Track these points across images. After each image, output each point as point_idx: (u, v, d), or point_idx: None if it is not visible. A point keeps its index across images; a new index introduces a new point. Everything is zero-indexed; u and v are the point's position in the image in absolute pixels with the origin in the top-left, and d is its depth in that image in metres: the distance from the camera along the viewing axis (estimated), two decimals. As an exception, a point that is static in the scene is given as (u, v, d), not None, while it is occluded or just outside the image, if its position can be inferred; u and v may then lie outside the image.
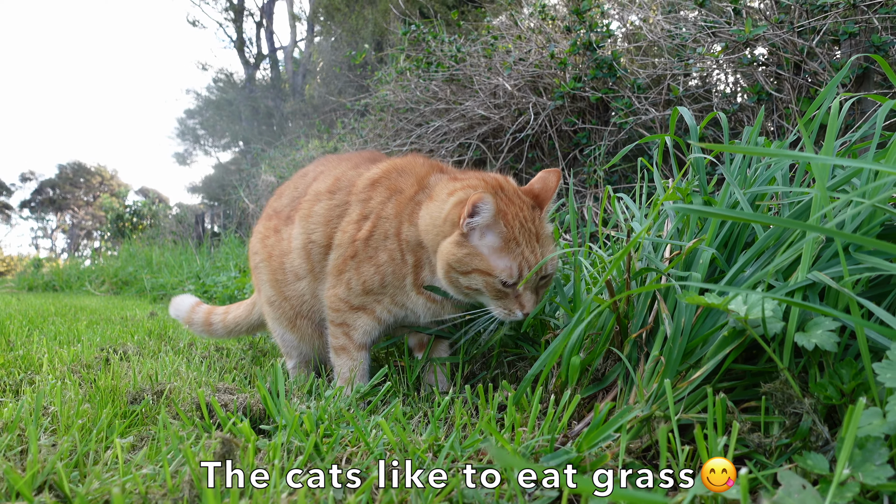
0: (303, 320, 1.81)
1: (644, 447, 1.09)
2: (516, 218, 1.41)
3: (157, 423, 1.26)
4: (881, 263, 0.94)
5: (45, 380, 1.60)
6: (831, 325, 0.97)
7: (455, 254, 1.39)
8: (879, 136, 1.23)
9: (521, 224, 1.41)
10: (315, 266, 1.69)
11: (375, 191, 1.62)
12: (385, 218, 1.57)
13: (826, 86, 1.31)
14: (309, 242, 1.68)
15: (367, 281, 1.58)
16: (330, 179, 1.73)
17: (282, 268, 1.78)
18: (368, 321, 1.63)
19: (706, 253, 1.23)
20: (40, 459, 0.91)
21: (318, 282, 1.71)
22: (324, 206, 1.68)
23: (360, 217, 1.60)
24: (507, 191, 1.47)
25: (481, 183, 1.49)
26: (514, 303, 1.42)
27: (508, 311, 1.43)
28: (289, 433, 1.09)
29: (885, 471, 0.77)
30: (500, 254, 1.39)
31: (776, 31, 3.37)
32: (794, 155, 0.85)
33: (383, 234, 1.56)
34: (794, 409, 0.97)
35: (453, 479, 0.88)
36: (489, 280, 1.39)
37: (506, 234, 1.39)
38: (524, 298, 1.41)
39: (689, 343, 1.15)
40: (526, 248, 1.40)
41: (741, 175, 1.39)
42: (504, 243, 1.39)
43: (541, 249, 1.43)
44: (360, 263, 1.58)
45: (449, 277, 1.43)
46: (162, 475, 0.88)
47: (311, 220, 1.69)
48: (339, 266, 1.62)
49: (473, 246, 1.39)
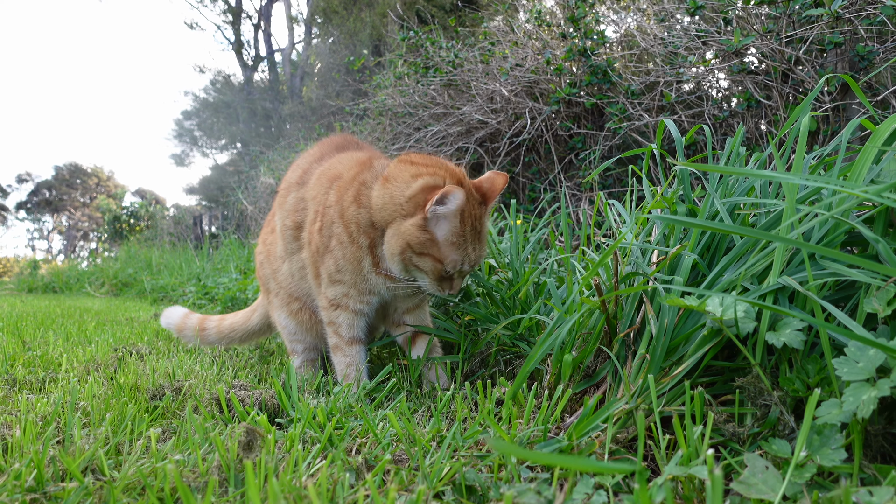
0: (294, 302, 1.94)
1: (630, 437, 1.19)
2: (470, 216, 1.54)
3: (179, 418, 1.36)
4: (842, 269, 1.04)
5: (67, 378, 1.69)
6: (799, 325, 1.07)
7: (417, 236, 1.50)
8: (850, 150, 1.34)
9: (472, 222, 1.55)
10: (287, 247, 1.89)
11: (320, 185, 1.76)
12: (329, 206, 1.69)
13: (807, 97, 1.40)
14: (283, 227, 1.88)
15: (331, 272, 1.69)
16: (299, 171, 1.92)
17: (274, 257, 1.98)
18: (347, 316, 1.75)
19: (689, 258, 1.33)
20: (81, 448, 1.00)
21: (291, 261, 1.89)
22: (293, 197, 1.86)
23: (314, 214, 1.75)
24: (465, 186, 1.57)
25: (445, 172, 1.58)
26: (448, 284, 1.59)
27: (440, 289, 1.60)
28: (303, 425, 1.19)
29: (839, 454, 0.87)
30: (452, 247, 1.53)
31: (764, 40, 3.48)
32: (765, 175, 0.95)
33: (330, 222, 1.67)
34: (764, 402, 1.07)
35: (456, 464, 0.98)
36: (437, 266, 1.54)
37: (459, 230, 1.52)
38: (455, 283, 1.60)
39: (672, 342, 1.25)
40: (470, 246, 1.55)
41: (722, 185, 1.49)
42: (456, 238, 1.52)
43: (479, 246, 1.59)
44: (322, 256, 1.71)
45: (403, 255, 1.54)
46: (193, 459, 0.97)
47: (284, 207, 1.88)
48: (315, 265, 1.76)
49: (432, 232, 1.51)
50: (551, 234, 2.15)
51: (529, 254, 2.24)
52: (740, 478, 0.86)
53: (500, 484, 0.95)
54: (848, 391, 0.90)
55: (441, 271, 1.55)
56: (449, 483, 0.96)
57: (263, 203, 8.79)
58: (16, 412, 1.28)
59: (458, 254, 1.54)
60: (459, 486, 0.94)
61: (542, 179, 4.74)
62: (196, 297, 5.28)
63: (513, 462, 0.98)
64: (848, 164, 1.27)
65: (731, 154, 1.58)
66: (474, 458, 1.07)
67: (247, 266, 6.00)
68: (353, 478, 0.98)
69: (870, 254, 1.14)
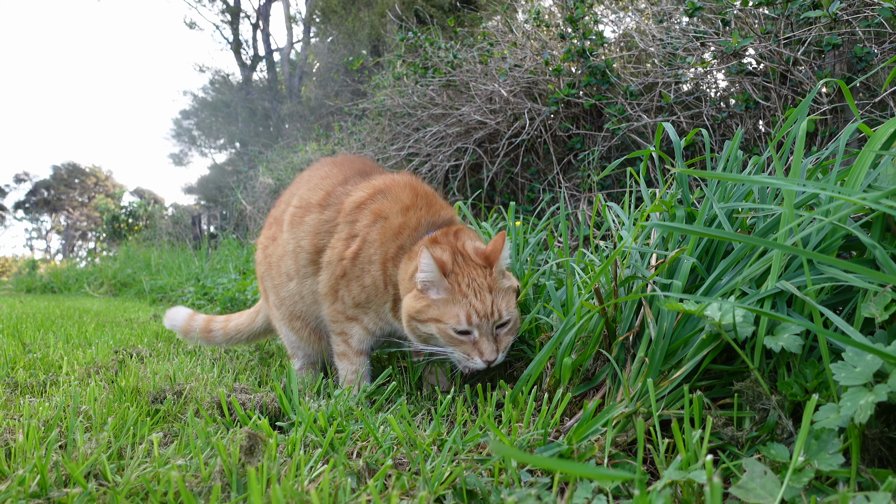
0: (297, 321, 1.96)
1: (629, 441, 1.19)
2: (465, 275, 1.56)
3: (181, 422, 1.36)
4: (839, 274, 1.05)
5: (68, 381, 1.70)
6: (797, 329, 1.08)
7: (414, 306, 1.56)
8: (847, 154, 1.34)
9: (469, 281, 1.55)
10: (300, 269, 1.86)
11: (361, 213, 1.77)
12: (370, 242, 1.72)
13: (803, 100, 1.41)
14: (298, 247, 1.85)
15: (356, 297, 1.75)
16: (321, 193, 1.88)
17: (279, 272, 1.94)
18: (360, 331, 1.80)
19: (687, 262, 1.34)
20: (84, 453, 1.00)
21: (302, 283, 1.87)
22: (314, 218, 1.83)
23: (348, 236, 1.75)
24: (464, 254, 1.62)
25: (446, 249, 1.61)
26: (473, 349, 1.52)
27: (467, 355, 1.53)
28: (304, 429, 1.19)
29: (837, 458, 0.88)
30: (449, 305, 1.52)
31: (763, 42, 3.49)
32: (762, 181, 0.96)
33: (368, 259, 1.72)
34: (762, 406, 1.08)
35: (457, 469, 0.98)
36: (441, 327, 1.52)
37: (451, 290, 1.54)
38: (482, 345, 1.51)
39: (670, 345, 1.25)
40: (474, 298, 1.52)
41: (721, 189, 1.50)
42: (451, 296, 1.53)
43: (492, 298, 1.54)
44: (350, 282, 1.75)
45: (410, 326, 1.59)
46: (195, 464, 0.98)
47: (301, 228, 1.85)
48: (333, 286, 1.78)
49: (429, 297, 1.54)
50: (549, 237, 2.15)
51: (529, 255, 2.25)
52: (739, 482, 0.86)
53: (500, 488, 0.96)
54: (846, 396, 0.91)
55: (448, 331, 1.52)
56: (450, 487, 0.97)
57: (262, 203, 8.79)
58: (18, 416, 1.29)
59: (455, 308, 1.52)
60: (460, 491, 0.95)
61: (541, 180, 4.74)
62: (195, 298, 5.28)
63: (513, 466, 0.99)
64: (846, 169, 1.28)
65: (729, 158, 1.59)
66: (475, 463, 1.08)
67: (245, 266, 6.00)
68: (354, 482, 0.99)
69: (867, 258, 1.15)
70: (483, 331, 1.52)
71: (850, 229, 1.04)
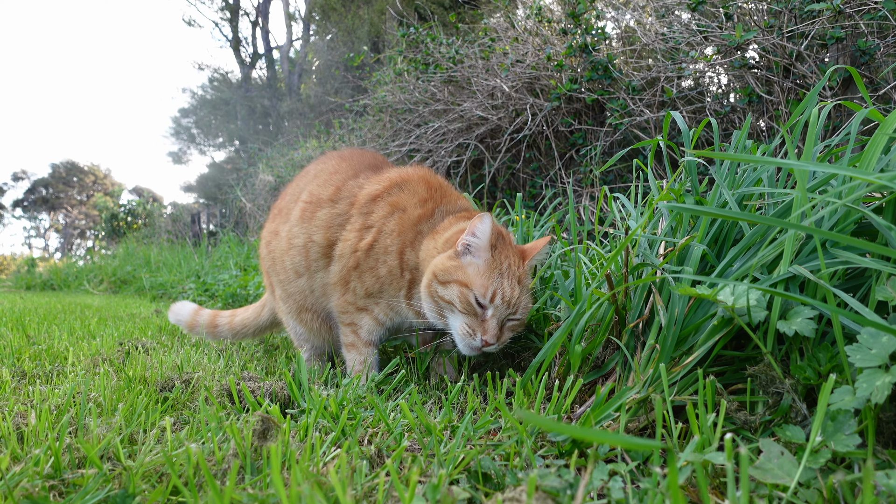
0: (307, 313, 1.95)
1: (641, 426, 1.19)
2: (505, 257, 1.57)
3: (190, 409, 1.36)
4: (853, 257, 1.05)
5: (74, 371, 1.69)
6: (810, 314, 1.07)
7: (444, 265, 1.55)
8: (857, 141, 1.34)
9: (508, 264, 1.56)
10: (311, 264, 1.85)
11: (377, 205, 1.77)
12: (387, 233, 1.72)
13: (812, 89, 1.41)
14: (309, 242, 1.83)
15: (370, 287, 1.75)
16: (332, 188, 1.87)
17: (283, 266, 1.92)
18: (370, 321, 1.80)
19: (697, 249, 1.33)
20: (98, 436, 1.00)
21: (312, 278, 1.87)
22: (326, 213, 1.82)
23: (362, 227, 1.75)
24: (504, 238, 1.64)
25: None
26: (479, 325, 1.51)
27: (471, 330, 1.52)
28: (315, 416, 1.19)
29: (853, 439, 0.88)
30: (482, 275, 1.52)
31: (766, 35, 3.49)
32: (777, 162, 0.96)
33: (384, 249, 1.71)
34: (776, 389, 1.07)
35: (470, 452, 0.98)
36: (464, 291, 1.51)
37: (491, 262, 1.54)
38: (488, 324, 1.51)
39: (682, 331, 1.25)
40: (506, 281, 1.53)
41: (730, 176, 1.50)
42: (488, 268, 1.53)
43: (519, 290, 1.56)
44: (363, 273, 1.74)
45: (430, 288, 1.57)
46: (209, 447, 0.97)
47: (313, 223, 1.83)
48: (344, 277, 1.78)
49: (461, 261, 1.54)
50: (557, 229, 2.15)
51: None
52: (756, 463, 0.86)
53: (515, 471, 0.95)
54: (861, 377, 0.91)
55: (469, 297, 1.50)
56: (464, 471, 0.97)
57: (262, 200, 8.78)
58: (29, 402, 1.28)
59: (487, 280, 1.50)
60: (475, 474, 0.95)
61: (543, 175, 4.74)
62: (196, 294, 5.27)
63: (528, 449, 0.99)
64: (857, 155, 1.28)
65: (738, 145, 1.59)
66: (488, 447, 1.08)
67: (246, 263, 5.99)
68: (367, 467, 0.98)
69: (880, 242, 1.15)
70: (497, 313, 1.52)
71: (864, 211, 1.04)
